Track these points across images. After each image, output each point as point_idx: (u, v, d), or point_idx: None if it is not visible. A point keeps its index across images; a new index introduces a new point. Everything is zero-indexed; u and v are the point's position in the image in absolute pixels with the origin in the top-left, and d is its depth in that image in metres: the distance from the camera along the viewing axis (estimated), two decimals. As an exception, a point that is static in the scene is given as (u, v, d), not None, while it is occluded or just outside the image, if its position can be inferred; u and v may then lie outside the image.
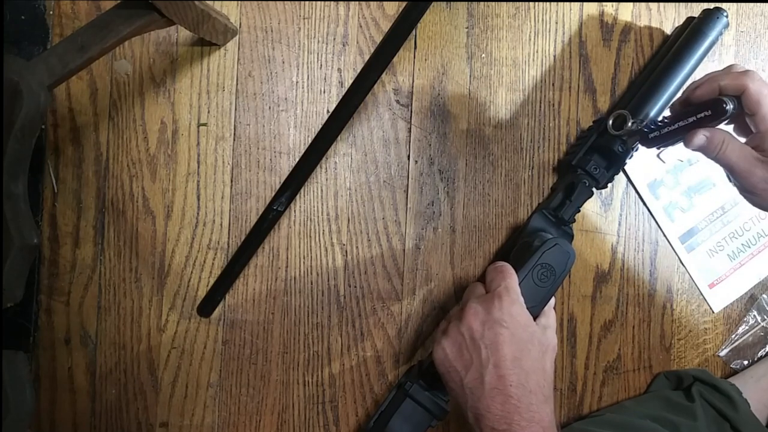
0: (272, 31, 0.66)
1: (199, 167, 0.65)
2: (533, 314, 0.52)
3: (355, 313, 0.66)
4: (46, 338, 0.64)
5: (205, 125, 0.65)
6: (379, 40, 0.66)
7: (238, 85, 0.66)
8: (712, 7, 0.64)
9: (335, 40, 0.66)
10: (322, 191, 0.66)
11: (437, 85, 0.67)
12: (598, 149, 0.64)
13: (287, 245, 0.66)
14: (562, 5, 0.69)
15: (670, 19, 0.70)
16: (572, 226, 0.65)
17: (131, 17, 0.50)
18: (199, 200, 0.65)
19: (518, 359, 0.47)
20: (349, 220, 0.66)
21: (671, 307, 0.70)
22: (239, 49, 0.66)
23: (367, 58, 0.66)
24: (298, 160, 0.60)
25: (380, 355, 0.67)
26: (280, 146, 0.66)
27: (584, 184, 0.63)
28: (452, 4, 0.68)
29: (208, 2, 0.59)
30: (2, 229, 0.45)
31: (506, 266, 0.54)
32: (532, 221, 0.64)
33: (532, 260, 0.54)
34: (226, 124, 0.66)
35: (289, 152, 0.66)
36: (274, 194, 0.61)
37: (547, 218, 0.64)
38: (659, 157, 0.70)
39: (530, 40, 0.69)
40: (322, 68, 0.66)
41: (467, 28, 0.68)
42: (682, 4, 0.70)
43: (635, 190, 0.69)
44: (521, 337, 0.48)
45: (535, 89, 0.69)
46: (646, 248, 0.70)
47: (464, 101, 0.68)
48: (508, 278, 0.52)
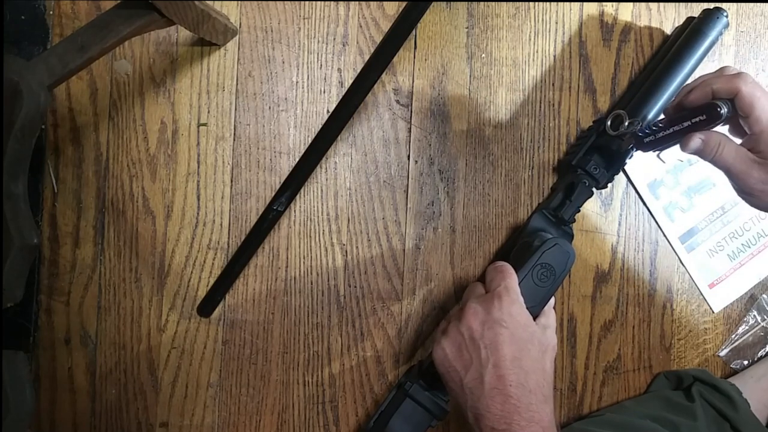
0: (272, 31, 0.66)
1: (199, 167, 0.65)
2: (533, 314, 0.52)
3: (355, 313, 0.66)
4: (46, 338, 0.64)
5: (205, 125, 0.65)
6: (379, 40, 0.66)
7: (238, 85, 0.66)
8: (712, 7, 0.64)
9: (335, 40, 0.66)
10: (322, 191, 0.66)
11: (437, 85, 0.67)
12: (598, 149, 0.64)
13: (287, 245, 0.66)
14: (562, 5, 0.69)
15: (670, 19, 0.70)
16: (572, 226, 0.65)
17: (131, 17, 0.50)
18: (199, 200, 0.65)
19: (518, 359, 0.47)
20: (349, 220, 0.66)
21: (671, 307, 0.70)
22: (239, 49, 0.66)
23: (367, 58, 0.66)
24: (298, 160, 0.60)
25: (380, 355, 0.67)
26: (280, 146, 0.66)
27: (584, 184, 0.63)
28: (452, 4, 0.68)
29: (208, 2, 0.59)
30: (2, 229, 0.45)
31: (506, 266, 0.54)
32: (532, 221, 0.64)
33: (532, 260, 0.54)
34: (226, 124, 0.66)
35: (289, 152, 0.66)
36: (274, 194, 0.61)
37: (547, 218, 0.64)
38: (659, 157, 0.70)
39: (530, 40, 0.69)
40: (322, 68, 0.66)
41: (467, 28, 0.68)
42: (682, 4, 0.70)
43: (635, 190, 0.69)
44: (521, 336, 0.48)
45: (535, 89, 0.69)
46: (646, 248, 0.70)
47: (464, 101, 0.68)
48: (507, 278, 0.52)
